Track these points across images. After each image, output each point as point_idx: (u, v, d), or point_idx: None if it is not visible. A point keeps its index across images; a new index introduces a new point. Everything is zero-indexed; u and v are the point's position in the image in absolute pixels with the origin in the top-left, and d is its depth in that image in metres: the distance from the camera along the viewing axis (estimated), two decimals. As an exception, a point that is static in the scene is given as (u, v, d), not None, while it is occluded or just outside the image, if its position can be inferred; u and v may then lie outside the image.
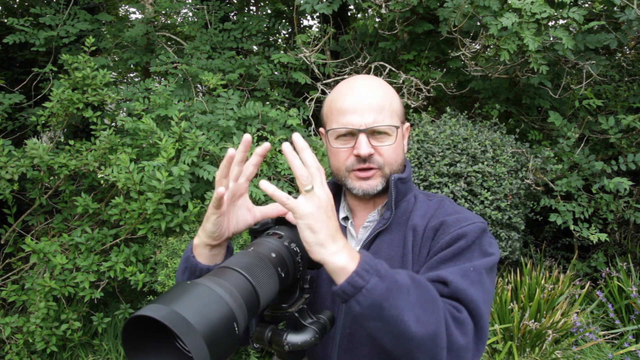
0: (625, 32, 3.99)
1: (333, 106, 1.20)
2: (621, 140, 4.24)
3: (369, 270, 0.89)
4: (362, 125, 1.14)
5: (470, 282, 1.01)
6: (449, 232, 1.09)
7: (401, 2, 4.19)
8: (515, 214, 3.86)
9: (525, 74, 4.31)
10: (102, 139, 3.60)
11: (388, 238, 1.18)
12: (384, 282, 0.89)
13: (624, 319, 4.05)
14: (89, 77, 3.68)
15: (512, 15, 3.59)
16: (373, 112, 1.14)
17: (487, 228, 1.13)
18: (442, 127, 3.96)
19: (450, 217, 1.14)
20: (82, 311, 3.58)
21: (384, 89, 1.20)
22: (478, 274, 1.04)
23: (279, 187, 3.51)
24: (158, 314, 0.66)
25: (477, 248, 1.08)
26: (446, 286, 1.00)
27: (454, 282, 1.00)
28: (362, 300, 0.87)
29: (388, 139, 1.16)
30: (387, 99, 1.18)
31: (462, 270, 1.03)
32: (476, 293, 1.00)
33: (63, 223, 3.80)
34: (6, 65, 5.77)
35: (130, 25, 5.57)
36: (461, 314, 0.97)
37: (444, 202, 1.21)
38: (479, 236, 1.09)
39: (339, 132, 1.17)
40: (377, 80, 1.23)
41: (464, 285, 1.00)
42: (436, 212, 1.18)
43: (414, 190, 1.26)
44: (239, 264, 0.84)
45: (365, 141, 1.14)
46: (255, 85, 4.85)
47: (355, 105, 1.15)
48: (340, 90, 1.20)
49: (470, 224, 1.10)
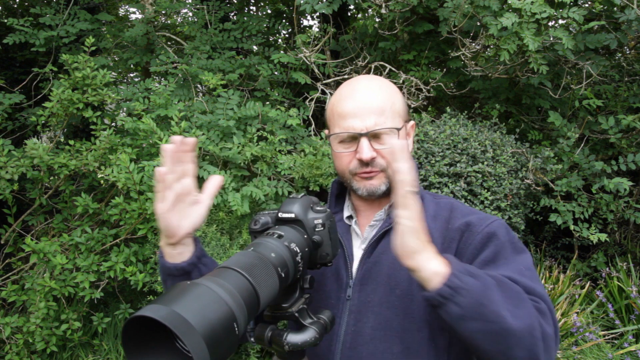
0: (625, 32, 4.00)
1: (335, 110, 1.19)
2: (621, 140, 4.24)
3: (462, 271, 0.90)
4: (363, 129, 1.14)
5: (530, 278, 1.04)
6: (479, 232, 1.11)
7: (401, 2, 4.19)
8: (515, 214, 3.87)
9: (525, 74, 4.31)
10: (102, 139, 3.60)
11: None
12: (478, 281, 0.90)
13: (624, 319, 4.06)
14: (89, 77, 3.68)
15: (512, 15, 3.59)
16: (374, 115, 1.14)
17: (507, 224, 1.17)
18: (442, 127, 3.96)
19: (473, 217, 1.15)
20: (82, 311, 3.58)
21: (385, 89, 1.19)
22: (531, 272, 1.07)
23: (279, 187, 3.51)
24: (158, 315, 0.66)
25: (510, 246, 1.10)
26: (516, 284, 1.02)
27: (521, 280, 1.02)
28: (462, 301, 0.88)
29: (390, 141, 1.16)
30: (388, 101, 1.17)
31: (518, 271, 1.04)
32: (540, 287, 1.03)
33: (63, 223, 3.80)
34: (6, 65, 5.76)
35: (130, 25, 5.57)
36: (540, 304, 0.99)
37: (456, 205, 1.22)
38: (506, 233, 1.12)
39: (341, 136, 1.17)
40: (378, 81, 1.22)
41: (529, 282, 1.02)
42: (453, 214, 1.18)
43: (419, 189, 1.26)
44: (239, 264, 0.84)
45: (367, 145, 1.14)
46: (255, 85, 4.85)
47: (356, 109, 1.15)
48: (342, 94, 1.20)
49: (494, 221, 1.13)
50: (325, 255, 1.06)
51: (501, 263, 1.07)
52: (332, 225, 1.08)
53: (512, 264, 1.06)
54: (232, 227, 3.43)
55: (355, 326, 1.14)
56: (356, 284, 1.18)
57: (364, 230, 1.25)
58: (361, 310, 1.15)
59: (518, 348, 0.91)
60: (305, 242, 1.02)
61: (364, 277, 1.17)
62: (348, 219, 1.28)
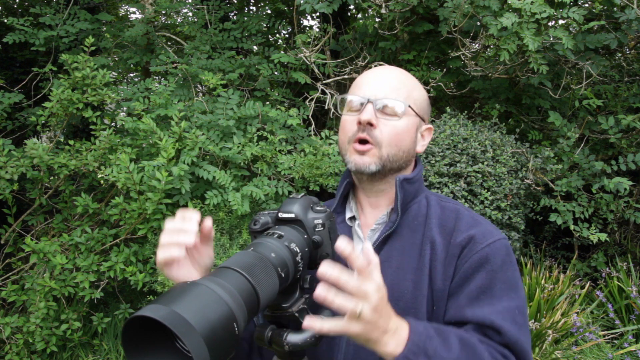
0: (625, 32, 3.99)
1: (355, 83, 1.20)
2: (621, 140, 4.24)
3: (416, 352, 0.90)
4: (372, 97, 1.13)
5: (519, 327, 1.02)
6: (477, 251, 1.08)
7: (401, 2, 4.19)
8: (515, 214, 3.86)
9: (525, 74, 4.30)
10: (102, 139, 3.60)
11: (400, 245, 1.15)
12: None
13: (624, 319, 4.06)
14: (89, 77, 3.68)
15: (512, 15, 3.59)
16: (388, 89, 1.14)
17: (509, 245, 1.13)
18: (442, 127, 3.96)
19: (476, 230, 1.11)
20: (82, 311, 3.58)
21: (408, 77, 1.20)
22: (523, 316, 1.04)
23: (279, 187, 3.51)
24: (158, 315, 0.66)
25: (503, 276, 1.07)
26: (499, 334, 1.00)
27: (507, 332, 1.00)
28: None
29: (395, 118, 1.13)
30: (407, 85, 1.17)
31: (510, 314, 1.02)
32: (526, 339, 1.01)
33: (63, 223, 3.80)
34: (6, 65, 5.76)
35: (130, 25, 5.56)
36: None
37: (461, 213, 1.17)
38: (504, 259, 1.08)
39: (350, 102, 1.17)
40: (403, 70, 1.23)
41: (516, 334, 1.00)
42: (457, 226, 1.13)
43: (425, 192, 1.22)
44: (239, 264, 0.84)
45: (371, 109, 1.12)
46: (255, 85, 4.85)
47: (373, 80, 1.16)
48: (366, 72, 1.22)
49: (495, 241, 1.09)
50: (325, 255, 1.06)
51: (492, 301, 1.04)
52: (332, 225, 1.07)
53: (503, 303, 1.03)
54: (232, 227, 3.43)
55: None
56: None
57: (366, 232, 1.22)
58: None
59: None
60: (305, 242, 1.01)
61: None
62: (350, 220, 1.25)
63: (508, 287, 1.06)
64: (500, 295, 1.05)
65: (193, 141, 3.32)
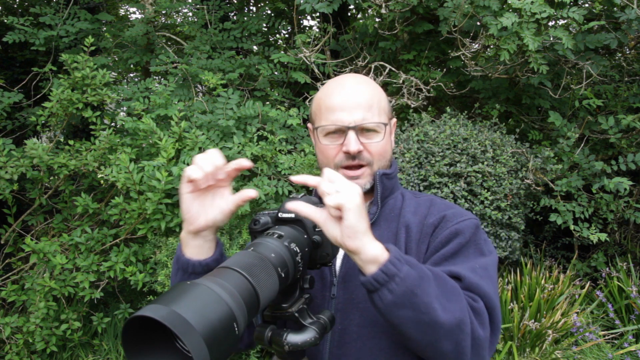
0: (625, 32, 4.00)
1: (322, 103, 1.21)
2: (621, 140, 4.24)
3: (400, 260, 0.92)
4: (351, 123, 1.16)
5: (480, 277, 1.06)
6: (447, 227, 1.14)
7: (401, 2, 4.19)
8: (515, 214, 3.86)
9: (525, 74, 4.30)
10: (101, 139, 3.60)
11: (377, 234, 1.17)
12: (414, 270, 0.92)
13: (624, 319, 4.06)
14: (89, 77, 3.68)
15: (512, 15, 3.59)
16: (362, 110, 1.17)
17: (479, 224, 1.19)
18: (442, 127, 3.96)
19: (449, 211, 1.18)
20: (82, 311, 3.58)
21: (372, 86, 1.23)
22: (484, 270, 1.09)
23: (279, 186, 3.51)
24: (158, 315, 0.66)
25: (473, 245, 1.13)
26: (460, 280, 1.04)
27: (467, 277, 1.04)
28: (395, 288, 0.90)
29: (376, 136, 1.19)
30: (375, 97, 1.20)
31: (470, 267, 1.07)
32: (487, 286, 1.05)
33: (63, 223, 3.80)
34: (6, 65, 5.76)
35: (130, 25, 5.56)
36: (478, 303, 1.02)
37: (435, 200, 1.25)
38: (473, 232, 1.15)
39: (328, 129, 1.19)
40: (365, 78, 1.26)
41: (476, 279, 1.05)
42: (431, 210, 1.21)
43: (400, 188, 1.29)
44: (239, 264, 0.84)
45: (354, 138, 1.16)
46: (255, 85, 4.85)
47: (344, 102, 1.17)
48: (329, 88, 1.22)
49: (465, 220, 1.16)
50: (325, 255, 1.06)
51: (458, 261, 1.10)
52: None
53: (468, 263, 1.09)
54: (232, 227, 3.43)
55: (341, 324, 1.15)
56: (340, 281, 1.18)
57: None
58: (347, 308, 1.15)
59: (446, 340, 0.94)
60: (305, 242, 1.02)
61: (347, 274, 1.18)
62: None
63: (477, 253, 1.12)
64: (471, 259, 1.11)
65: (193, 141, 3.32)
